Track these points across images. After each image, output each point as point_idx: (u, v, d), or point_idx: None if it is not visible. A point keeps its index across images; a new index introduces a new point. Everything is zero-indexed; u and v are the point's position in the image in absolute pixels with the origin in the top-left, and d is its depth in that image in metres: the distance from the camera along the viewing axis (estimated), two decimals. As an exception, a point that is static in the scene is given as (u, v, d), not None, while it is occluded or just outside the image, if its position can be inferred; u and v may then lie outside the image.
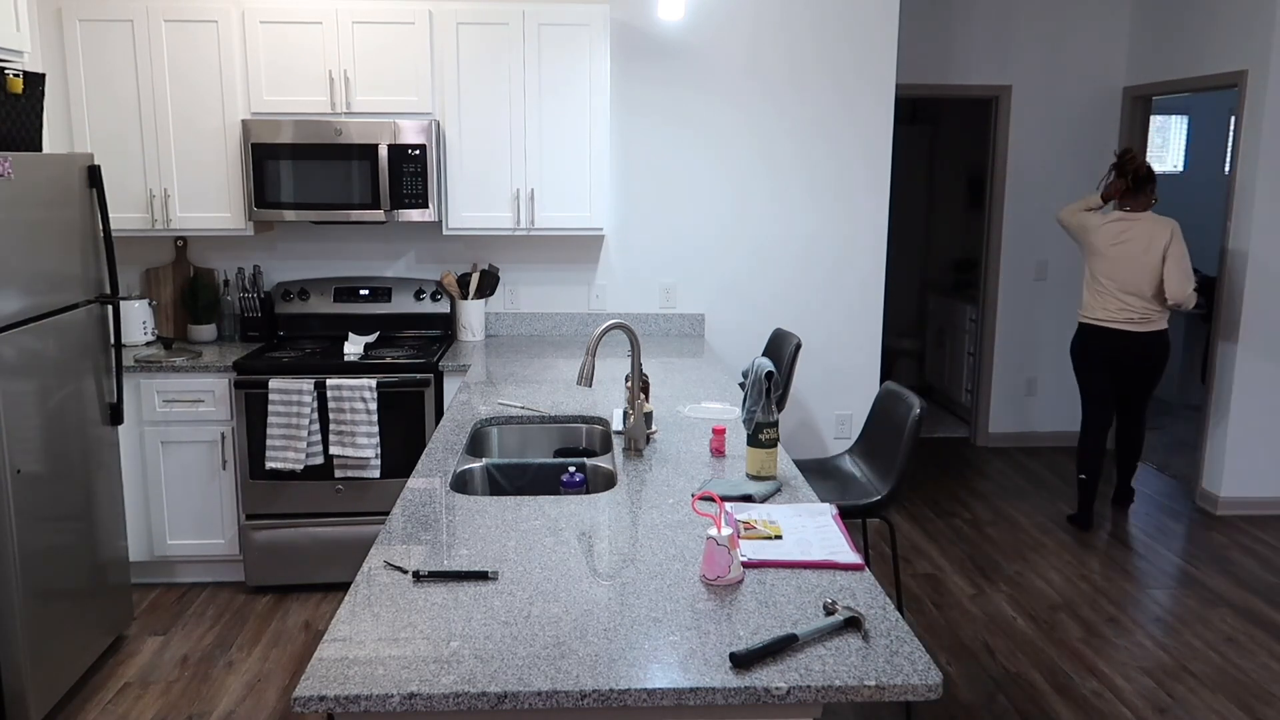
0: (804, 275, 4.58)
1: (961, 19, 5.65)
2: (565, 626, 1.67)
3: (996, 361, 6.00)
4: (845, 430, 4.69)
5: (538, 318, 4.55)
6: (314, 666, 1.53)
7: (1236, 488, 4.93)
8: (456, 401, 3.25)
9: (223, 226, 4.04)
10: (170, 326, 4.33)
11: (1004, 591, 4.05)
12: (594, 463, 2.70)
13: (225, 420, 3.88)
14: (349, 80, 3.95)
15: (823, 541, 2.04)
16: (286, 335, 4.34)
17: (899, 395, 3.09)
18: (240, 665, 3.43)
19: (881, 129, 4.50)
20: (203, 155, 3.98)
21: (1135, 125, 5.69)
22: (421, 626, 1.67)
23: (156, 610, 3.86)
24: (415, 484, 2.43)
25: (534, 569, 1.91)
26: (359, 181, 3.93)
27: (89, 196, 3.35)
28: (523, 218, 4.11)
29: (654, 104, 4.42)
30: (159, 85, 3.92)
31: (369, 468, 3.87)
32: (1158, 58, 5.45)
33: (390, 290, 4.35)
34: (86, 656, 3.29)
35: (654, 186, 4.49)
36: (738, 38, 4.38)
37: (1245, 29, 4.77)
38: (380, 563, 1.94)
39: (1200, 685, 3.33)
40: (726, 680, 1.50)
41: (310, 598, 3.96)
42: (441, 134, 4.03)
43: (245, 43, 3.92)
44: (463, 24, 3.96)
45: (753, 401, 2.54)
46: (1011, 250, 5.90)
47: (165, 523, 3.95)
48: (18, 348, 2.90)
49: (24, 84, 3.09)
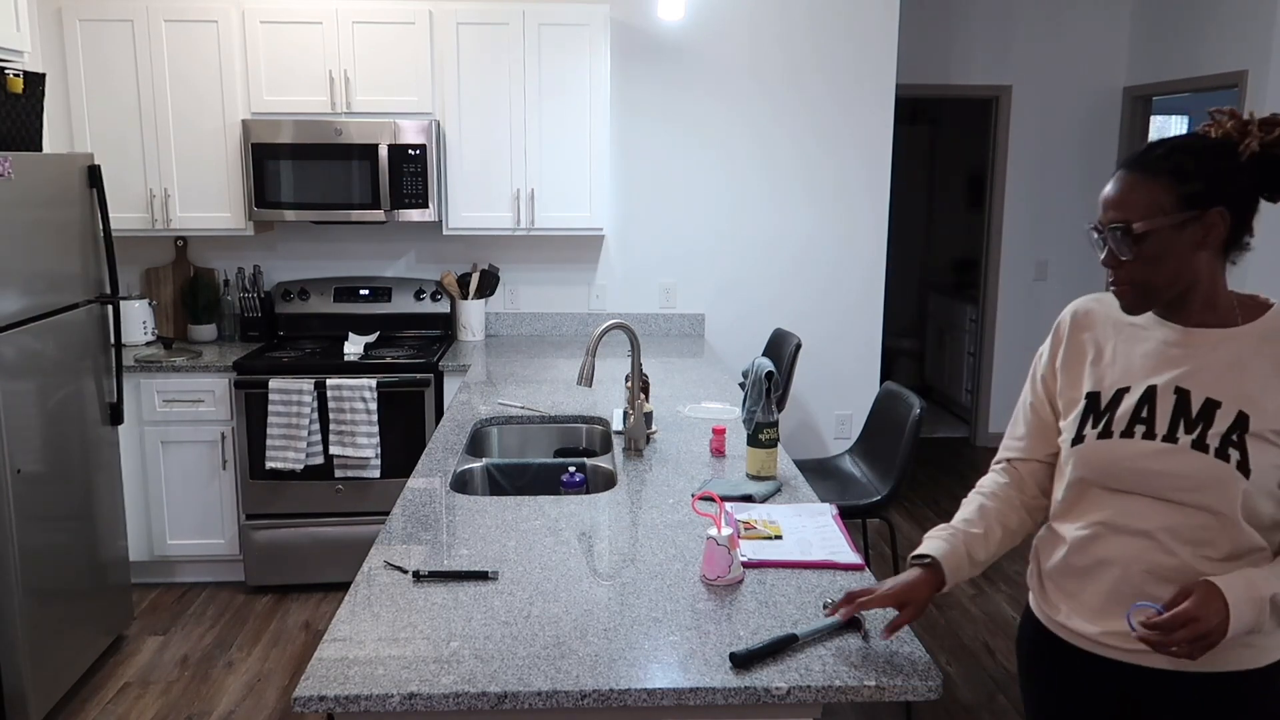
0: (804, 275, 4.58)
1: (961, 19, 5.65)
2: (565, 626, 1.67)
3: (996, 361, 5.99)
4: (845, 430, 4.69)
5: (538, 318, 4.55)
6: (314, 666, 1.53)
7: (1236, 488, 4.92)
8: (456, 401, 3.25)
9: (223, 226, 4.04)
10: (170, 326, 4.33)
11: (1004, 591, 4.05)
12: (594, 463, 2.70)
13: (225, 420, 3.88)
14: (349, 80, 3.95)
15: (823, 541, 2.04)
16: (286, 335, 4.34)
17: (899, 395, 3.09)
18: (240, 665, 3.43)
19: (881, 129, 4.49)
20: (203, 155, 3.98)
21: (1135, 125, 5.69)
22: (421, 626, 1.67)
23: (156, 610, 3.86)
24: (415, 484, 2.43)
25: (534, 569, 1.91)
26: (359, 181, 3.93)
27: (89, 196, 3.35)
28: (523, 218, 4.11)
29: (654, 104, 4.42)
30: (159, 85, 3.92)
31: (369, 468, 3.87)
32: (1158, 58, 5.45)
33: (390, 290, 4.35)
34: (86, 656, 3.29)
35: (654, 186, 4.49)
36: (738, 37, 4.38)
37: (1245, 29, 4.77)
38: (380, 563, 1.94)
39: (1200, 685, 3.32)
40: (726, 680, 1.50)
41: (310, 598, 3.96)
42: (441, 134, 4.03)
43: (245, 43, 3.92)
44: (463, 24, 3.96)
45: (753, 401, 2.54)
46: (1011, 250, 5.89)
47: (165, 522, 3.95)
48: (18, 348, 2.90)
49: (24, 84, 3.09)
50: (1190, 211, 1.40)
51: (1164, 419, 1.46)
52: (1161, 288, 1.45)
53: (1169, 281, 1.44)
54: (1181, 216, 1.40)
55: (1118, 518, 1.50)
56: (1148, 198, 1.41)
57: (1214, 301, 1.46)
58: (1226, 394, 1.43)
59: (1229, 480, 1.40)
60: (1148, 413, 1.48)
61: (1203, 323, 1.48)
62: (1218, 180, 1.41)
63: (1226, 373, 1.44)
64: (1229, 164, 1.41)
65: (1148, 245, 1.41)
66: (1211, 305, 1.46)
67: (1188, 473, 1.44)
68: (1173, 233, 1.41)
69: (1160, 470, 1.46)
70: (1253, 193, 1.43)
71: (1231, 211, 1.41)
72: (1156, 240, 1.41)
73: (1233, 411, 1.42)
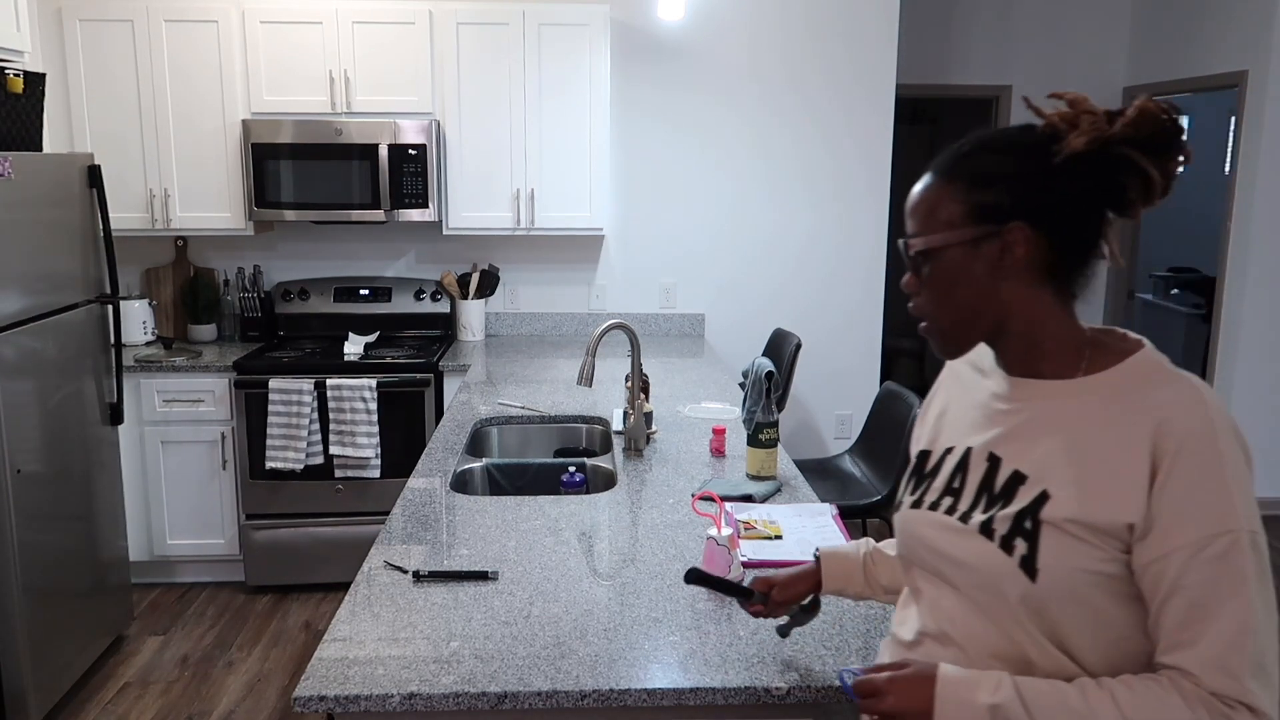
0: (804, 275, 4.58)
1: (961, 19, 5.65)
2: (565, 626, 1.67)
3: (996, 361, 5.99)
4: (845, 430, 4.69)
5: (538, 318, 4.55)
6: (314, 666, 1.53)
7: (1236, 488, 4.92)
8: (456, 401, 3.25)
9: (223, 226, 4.04)
10: (170, 326, 4.33)
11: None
12: (594, 463, 2.70)
13: (225, 420, 3.88)
14: (349, 80, 3.95)
15: (823, 541, 2.04)
16: (286, 335, 4.34)
17: (899, 395, 3.09)
18: (240, 665, 3.43)
19: (881, 129, 4.49)
20: (203, 155, 3.98)
21: (1135, 125, 5.68)
22: (421, 626, 1.67)
23: (156, 610, 3.85)
24: (415, 484, 2.43)
25: (534, 569, 1.91)
26: (359, 181, 3.93)
27: (89, 196, 3.35)
28: (523, 218, 4.11)
29: (654, 104, 4.42)
30: (159, 85, 3.92)
31: (369, 468, 3.86)
32: (1158, 58, 5.45)
33: (390, 290, 4.35)
34: (86, 656, 3.29)
35: (654, 186, 4.48)
36: (738, 37, 4.38)
37: (1245, 29, 4.77)
38: (380, 563, 1.94)
39: (1200, 685, 3.32)
40: (726, 680, 1.50)
41: (310, 598, 3.96)
42: (441, 134, 4.03)
43: (245, 43, 3.92)
44: (463, 24, 3.96)
45: (753, 401, 2.54)
46: (1011, 250, 5.89)
47: (165, 523, 3.95)
48: (18, 348, 2.90)
49: (24, 84, 3.09)
50: (983, 226, 1.10)
51: (970, 491, 1.17)
52: (956, 324, 1.15)
53: (962, 316, 1.14)
54: (972, 232, 1.10)
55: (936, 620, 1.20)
56: (938, 207, 1.12)
57: (1039, 344, 1.14)
58: (1035, 466, 1.11)
59: (1004, 579, 1.09)
60: (960, 481, 1.19)
61: (1032, 371, 1.15)
62: (1019, 188, 1.09)
63: (1043, 438, 1.11)
64: (1037, 167, 1.10)
65: (935, 268, 1.13)
66: (1037, 349, 1.14)
67: (970, 562, 1.14)
68: (963, 253, 1.11)
69: (950, 555, 1.17)
70: (1078, 204, 1.09)
71: (1039, 228, 1.09)
72: (944, 262, 1.12)
73: (1035, 490, 1.09)
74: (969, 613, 1.15)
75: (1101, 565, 1.04)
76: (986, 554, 1.10)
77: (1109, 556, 1.04)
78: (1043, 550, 1.06)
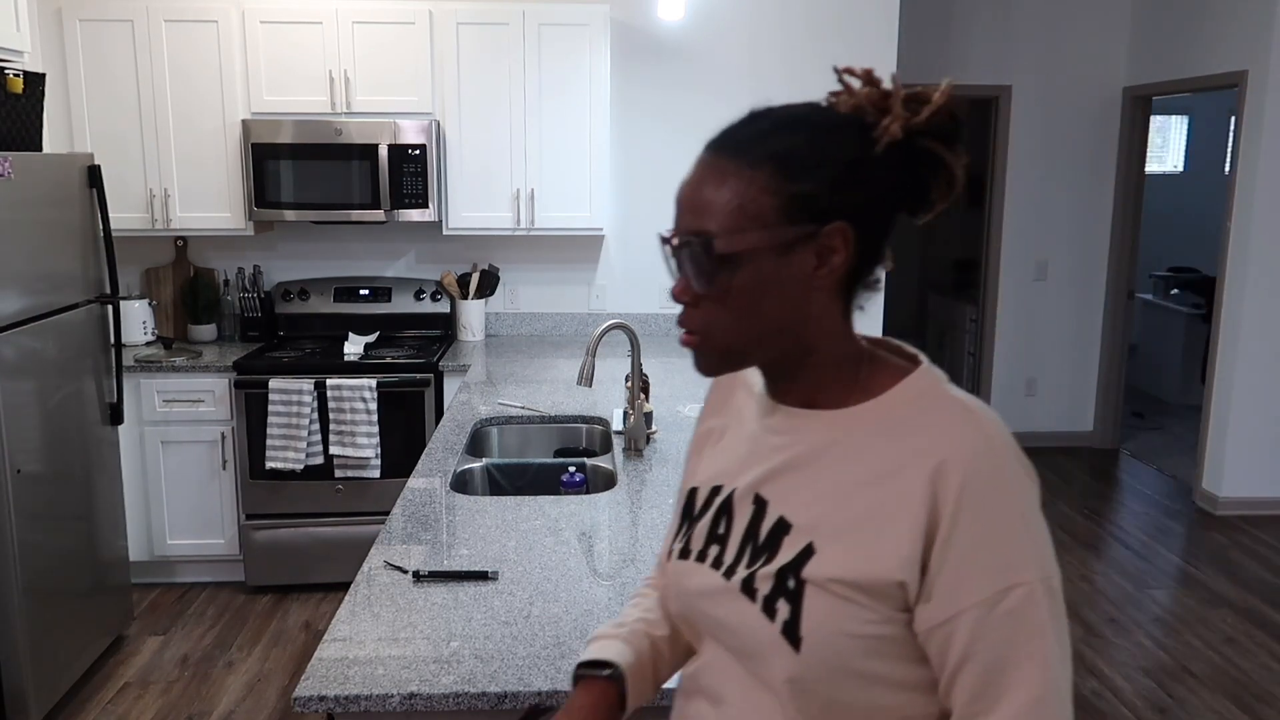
0: (804, 275, 4.57)
1: (961, 19, 5.65)
2: (565, 626, 1.67)
3: (996, 361, 5.99)
4: (845, 430, 4.68)
5: (538, 318, 4.55)
6: (314, 666, 1.53)
7: (1236, 488, 4.93)
8: (456, 401, 3.25)
9: (223, 226, 4.04)
10: (170, 326, 4.33)
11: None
12: (594, 463, 2.70)
13: (225, 420, 3.88)
14: (349, 80, 3.95)
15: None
16: (286, 335, 4.34)
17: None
18: (240, 665, 3.43)
19: (881, 129, 4.49)
20: (203, 155, 3.98)
21: (1135, 125, 5.69)
22: (421, 626, 1.67)
23: (156, 610, 3.86)
24: (415, 484, 2.43)
25: (534, 569, 1.91)
26: (359, 181, 3.93)
27: (89, 196, 3.35)
28: (523, 218, 4.11)
29: (654, 104, 4.42)
30: (159, 85, 3.92)
31: (369, 468, 3.87)
32: (1158, 58, 5.45)
33: (390, 290, 4.35)
34: (86, 656, 3.29)
35: (654, 186, 4.48)
36: (738, 37, 4.38)
37: (1245, 29, 4.77)
38: (380, 563, 1.94)
39: (1200, 685, 3.33)
40: (726, 680, 1.50)
41: (310, 598, 3.96)
42: (441, 134, 4.03)
43: (245, 43, 3.92)
44: (463, 24, 3.96)
45: (752, 401, 2.53)
46: (1011, 250, 5.89)
47: (165, 523, 3.95)
48: (18, 348, 2.90)
49: (24, 84, 3.09)
50: (800, 226, 0.89)
51: (735, 539, 0.98)
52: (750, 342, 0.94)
53: (763, 333, 0.93)
54: (790, 233, 0.89)
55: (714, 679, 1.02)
56: (741, 198, 0.90)
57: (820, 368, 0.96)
58: (802, 513, 0.93)
59: (767, 648, 0.92)
60: (725, 526, 1.00)
61: (806, 400, 0.98)
62: (841, 180, 0.90)
63: (812, 480, 0.94)
64: (859, 155, 0.91)
65: (740, 276, 0.91)
66: (816, 373, 0.97)
67: (732, 625, 0.96)
68: (775, 256, 0.90)
69: (714, 616, 0.99)
70: (888, 202, 0.93)
71: (859, 229, 0.91)
72: (751, 268, 0.90)
73: (800, 541, 0.92)
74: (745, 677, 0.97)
75: (875, 629, 0.89)
76: (748, 617, 0.93)
77: (883, 618, 0.89)
78: (805, 614, 0.89)
